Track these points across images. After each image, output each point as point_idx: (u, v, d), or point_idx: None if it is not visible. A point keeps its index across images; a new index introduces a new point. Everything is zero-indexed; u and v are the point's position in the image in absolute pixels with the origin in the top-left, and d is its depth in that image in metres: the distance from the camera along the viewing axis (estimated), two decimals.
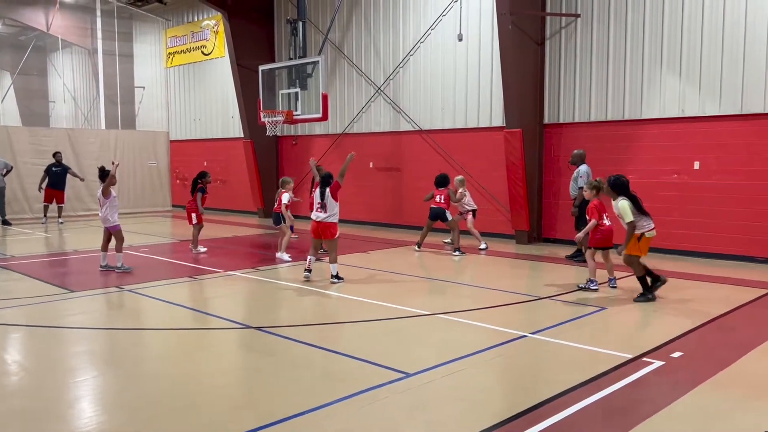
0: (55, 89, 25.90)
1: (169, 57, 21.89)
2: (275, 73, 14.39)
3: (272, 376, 5.12)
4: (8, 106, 24.19)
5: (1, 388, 4.94)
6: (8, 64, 24.23)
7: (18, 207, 17.77)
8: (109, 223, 9.69)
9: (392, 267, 10.22)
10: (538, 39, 12.61)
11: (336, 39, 16.46)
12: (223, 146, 20.04)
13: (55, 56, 25.55)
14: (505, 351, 5.73)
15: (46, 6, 21.91)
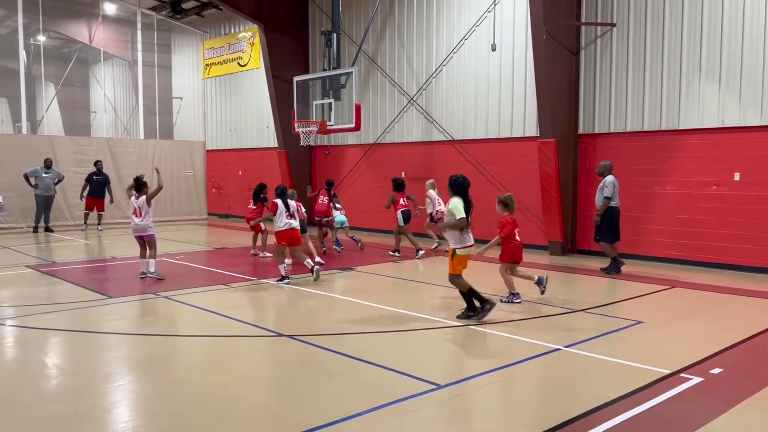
0: (96, 100, 26.62)
1: (207, 68, 22.33)
2: (309, 84, 14.55)
3: (304, 384, 5.15)
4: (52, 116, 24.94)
5: (41, 392, 5.08)
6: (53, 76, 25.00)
7: (60, 214, 18.26)
8: (148, 231, 9.88)
9: (423, 276, 10.20)
10: (573, 48, 12.50)
11: (369, 50, 16.59)
12: (257, 156, 20.31)
13: (96, 68, 26.29)
14: (538, 364, 5.66)
15: (89, 19, 22.59)
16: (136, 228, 9.91)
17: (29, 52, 21.54)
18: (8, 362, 5.96)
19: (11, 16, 20.38)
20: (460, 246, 7.12)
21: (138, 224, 9.86)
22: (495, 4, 13.58)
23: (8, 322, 7.23)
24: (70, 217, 18.48)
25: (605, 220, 10.42)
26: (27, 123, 20.65)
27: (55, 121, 25.17)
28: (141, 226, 9.85)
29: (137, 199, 9.85)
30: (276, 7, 17.60)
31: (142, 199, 9.82)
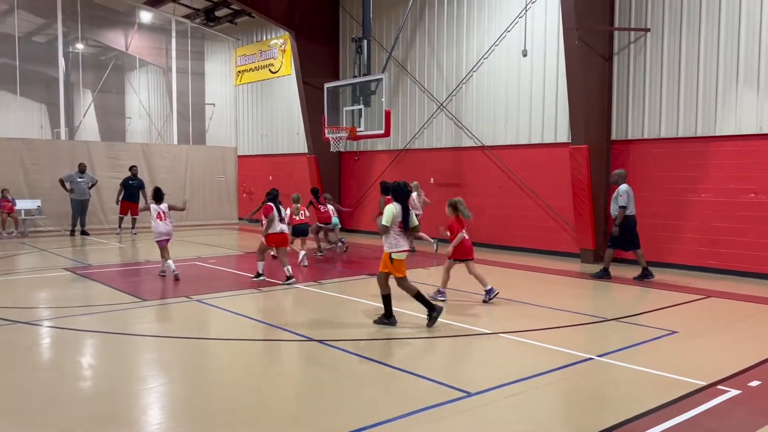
0: (131, 106, 27.18)
1: (239, 75, 22.65)
2: (339, 91, 14.63)
3: (334, 390, 5.17)
4: (88, 122, 25.54)
5: (76, 393, 5.20)
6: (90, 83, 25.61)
7: (95, 218, 18.69)
8: (171, 235, 10.49)
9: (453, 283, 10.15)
10: (606, 54, 12.35)
11: (399, 56, 16.64)
12: (288, 161, 20.50)
13: (132, 75, 26.85)
14: (570, 373, 5.59)
15: (125, 28, 23.12)
16: (163, 232, 10.37)
17: (68, 59, 22.11)
18: (45, 362, 6.11)
19: (51, 24, 20.96)
20: (395, 250, 7.23)
21: (163, 229, 10.36)
22: (526, 9, 13.51)
23: (45, 323, 7.41)
24: (105, 220, 18.88)
25: (622, 229, 10.38)
26: (65, 129, 21.18)
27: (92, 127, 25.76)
28: (167, 230, 10.41)
29: (158, 205, 10.39)
30: (307, 15, 17.78)
31: (164, 205, 10.45)
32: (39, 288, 9.72)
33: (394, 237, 7.21)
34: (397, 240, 7.23)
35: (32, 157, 17.98)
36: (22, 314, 7.76)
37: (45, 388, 5.19)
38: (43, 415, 4.59)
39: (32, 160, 17.96)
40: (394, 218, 7.18)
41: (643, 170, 12.04)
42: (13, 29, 19.75)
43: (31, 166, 17.92)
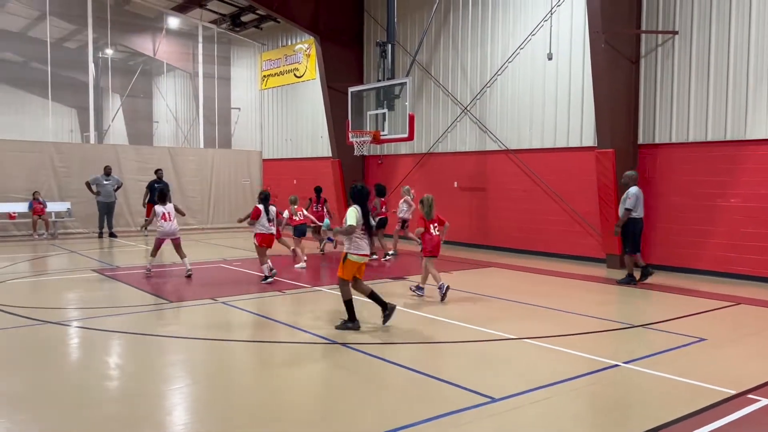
0: (158, 110, 27.61)
1: (264, 79, 22.86)
2: (363, 95, 14.68)
3: (356, 393, 5.17)
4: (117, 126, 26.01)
5: (103, 393, 5.28)
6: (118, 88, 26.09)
7: (122, 220, 19.00)
8: (177, 234, 11.08)
9: (476, 288, 10.10)
10: (633, 57, 12.20)
11: (423, 60, 16.64)
12: (311, 165, 20.61)
13: (159, 79, 27.28)
14: (596, 380, 5.52)
15: (153, 33, 23.51)
16: (167, 232, 10.92)
17: (97, 65, 22.54)
18: (73, 362, 6.22)
19: (81, 30, 21.39)
20: (354, 252, 7.19)
21: (172, 228, 10.94)
22: (552, 12, 13.42)
23: (73, 324, 7.55)
24: (132, 222, 19.17)
25: (627, 231, 10.35)
26: (94, 133, 21.58)
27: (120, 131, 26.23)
28: (172, 229, 10.95)
29: (164, 206, 10.93)
30: (332, 19, 17.88)
31: (170, 206, 11.10)
32: (68, 289, 9.91)
33: (356, 239, 7.19)
34: (358, 243, 7.21)
35: (62, 161, 18.35)
36: (52, 314, 7.92)
37: (73, 388, 5.29)
38: (72, 415, 4.67)
39: (62, 163, 18.33)
40: (358, 220, 7.16)
41: (670, 175, 11.86)
42: (45, 35, 20.20)
43: (62, 169, 18.28)
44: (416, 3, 16.72)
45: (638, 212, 10.33)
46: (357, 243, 7.21)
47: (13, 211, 17.27)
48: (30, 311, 8.01)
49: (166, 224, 10.91)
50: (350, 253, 7.20)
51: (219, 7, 21.55)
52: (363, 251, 7.24)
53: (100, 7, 20.22)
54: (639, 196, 10.29)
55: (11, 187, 17.43)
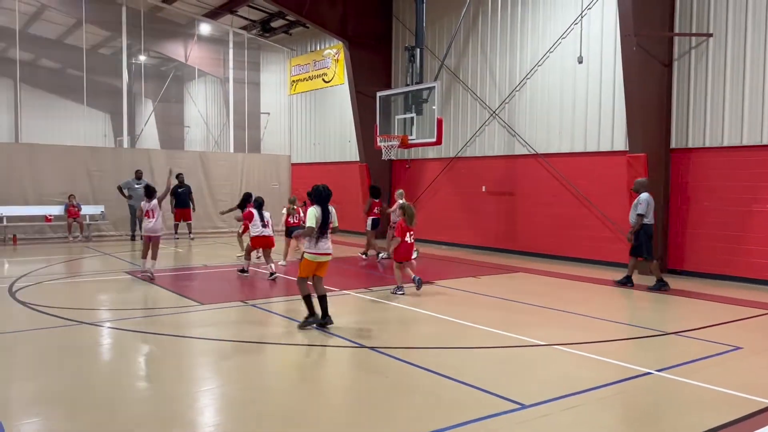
0: (190, 115, 28.06)
1: (293, 84, 23.07)
2: (391, 99, 14.72)
3: (385, 397, 5.18)
4: (149, 130, 26.51)
5: (136, 393, 5.38)
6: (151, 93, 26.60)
7: None
8: (158, 232, 10.94)
9: (504, 293, 10.04)
10: (666, 60, 12.02)
11: (452, 64, 16.62)
12: (339, 169, 20.72)
13: (191, 85, 27.73)
14: (627, 388, 5.44)
15: (185, 39, 23.91)
16: (149, 228, 10.88)
17: (131, 70, 23.00)
18: (105, 362, 6.34)
19: (116, 37, 21.87)
20: (310, 252, 7.41)
21: (153, 226, 10.84)
22: (582, 16, 13.30)
23: (106, 325, 7.70)
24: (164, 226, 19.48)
25: (640, 237, 10.44)
26: (127, 137, 22.02)
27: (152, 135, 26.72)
28: (155, 227, 10.85)
29: (148, 203, 10.84)
30: (360, 25, 17.98)
31: (154, 202, 10.89)
32: (101, 290, 10.11)
33: (313, 239, 7.38)
34: (318, 243, 7.41)
35: (96, 164, 18.75)
36: (86, 315, 8.09)
37: (106, 387, 5.39)
38: (105, 414, 4.76)
39: (96, 167, 18.73)
40: (317, 220, 7.34)
41: (703, 180, 11.64)
42: (81, 42, 20.70)
43: (96, 173, 18.67)
44: (445, 8, 16.72)
45: (649, 218, 10.43)
46: (317, 243, 7.40)
47: (49, 214, 17.70)
48: (65, 312, 8.20)
49: (148, 222, 10.90)
50: (306, 252, 7.45)
51: (249, 13, 21.82)
52: (319, 251, 7.43)
53: (134, 14, 20.64)
54: (650, 202, 10.39)
55: (47, 190, 17.87)
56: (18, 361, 6.17)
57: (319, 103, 21.87)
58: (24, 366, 6.00)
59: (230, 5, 21.37)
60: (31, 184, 17.66)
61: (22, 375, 5.72)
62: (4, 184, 17.21)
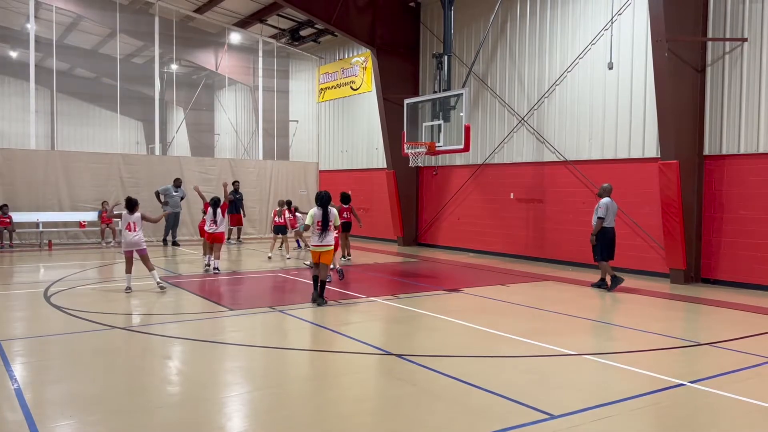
0: (220, 123, 28.46)
1: (321, 92, 23.24)
2: (419, 106, 14.74)
3: (412, 405, 5.15)
4: (180, 138, 26.95)
5: (165, 397, 5.44)
6: (182, 101, 27.06)
7: (185, 230, 19.61)
8: (141, 245, 10.50)
9: (533, 302, 9.94)
10: (698, 66, 11.81)
11: (480, 71, 16.57)
12: (367, 176, 20.78)
13: (221, 93, 28.13)
14: (660, 399, 5.33)
15: (216, 48, 24.29)
16: (129, 242, 10.36)
17: (163, 79, 23.44)
18: (136, 367, 6.43)
19: (148, 47, 22.31)
20: (313, 244, 9.39)
21: (132, 239, 10.36)
22: (612, 21, 13.16)
23: (135, 330, 7.82)
24: (195, 232, 19.76)
25: (599, 239, 11.04)
26: (159, 144, 22.41)
27: (183, 143, 27.17)
28: (135, 240, 10.39)
29: (130, 215, 10.41)
30: (388, 32, 18.05)
31: (137, 215, 10.44)
32: (133, 295, 10.27)
33: (313, 235, 9.34)
34: (320, 237, 9.28)
35: (129, 171, 19.11)
36: (118, 320, 8.24)
37: (137, 391, 5.47)
38: (136, 417, 4.83)
39: (129, 174, 19.09)
40: (314, 219, 9.24)
41: (738, 187, 11.39)
42: (115, 52, 21.16)
43: (128, 180, 19.03)
44: (473, 15, 16.70)
45: (609, 222, 11.01)
46: (317, 237, 9.29)
47: (83, 220, 18.09)
48: (98, 316, 8.36)
49: (129, 234, 10.32)
50: (312, 245, 9.46)
51: (279, 22, 22.08)
52: (320, 243, 9.29)
53: (166, 24, 21.04)
54: (609, 206, 10.97)
55: (82, 196, 18.27)
56: (52, 364, 6.30)
57: (346, 110, 21.99)
58: (58, 369, 6.13)
59: (260, 14, 21.65)
60: (66, 191, 18.08)
61: (55, 378, 5.84)
62: (40, 191, 17.65)
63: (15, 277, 12.56)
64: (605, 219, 10.93)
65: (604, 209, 10.94)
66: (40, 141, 21.15)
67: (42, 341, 7.11)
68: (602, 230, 10.98)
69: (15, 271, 13.34)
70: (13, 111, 23.18)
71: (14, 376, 5.70)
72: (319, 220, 9.19)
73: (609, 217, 10.96)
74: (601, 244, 11.06)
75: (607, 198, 11.08)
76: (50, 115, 21.85)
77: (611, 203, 11.05)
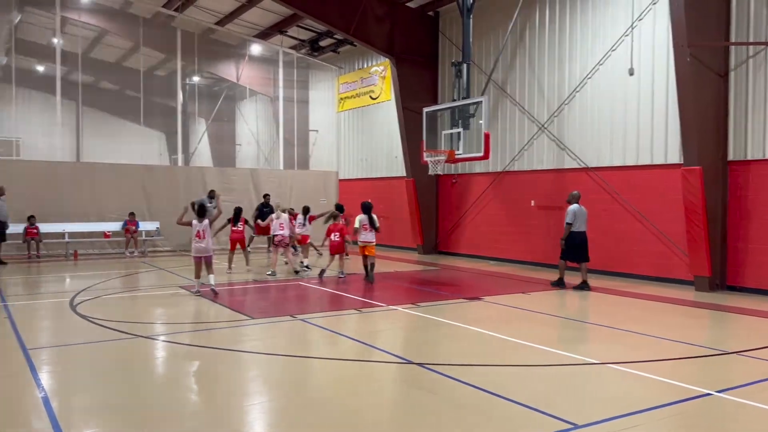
0: (241, 133, 28.72)
1: (341, 102, 23.38)
2: (438, 114, 14.76)
3: (433, 414, 5.14)
4: (202, 148, 27.26)
5: (187, 405, 5.49)
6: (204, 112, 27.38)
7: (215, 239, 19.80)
8: (209, 252, 10.86)
9: (555, 310, 9.85)
10: (721, 70, 11.67)
11: (499, 79, 16.54)
12: (386, 185, 20.82)
13: (242, 104, 28.41)
14: (685, 409, 5.24)
15: (237, 60, 24.59)
16: (199, 248, 10.77)
17: (185, 91, 23.75)
18: (159, 375, 6.50)
19: (170, 59, 22.66)
20: (359, 240, 12.65)
21: (202, 246, 10.76)
22: (633, 27, 13.07)
23: (161, 338, 7.90)
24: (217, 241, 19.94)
25: (567, 242, 11.88)
26: (181, 155, 22.69)
27: (205, 153, 27.47)
28: (204, 247, 10.77)
29: (199, 223, 10.75)
30: (407, 41, 18.12)
31: (205, 222, 10.77)
32: (157, 304, 10.40)
33: (362, 233, 12.59)
34: (363, 235, 12.58)
35: (152, 182, 19.38)
36: (142, 329, 8.33)
37: (160, 400, 5.53)
38: (159, 426, 4.88)
39: (152, 185, 19.36)
40: (361, 223, 12.54)
41: (764, 192, 11.21)
42: (138, 65, 21.52)
43: (152, 190, 19.30)
44: (491, 23, 16.70)
45: (577, 226, 11.77)
46: (360, 235, 12.54)
47: (108, 230, 18.36)
48: (122, 325, 8.47)
49: (198, 242, 10.75)
50: (359, 240, 12.60)
51: (299, 33, 22.29)
52: (361, 239, 12.62)
53: (189, 36, 21.37)
54: (577, 212, 11.74)
55: (106, 207, 18.56)
56: (78, 372, 6.40)
57: (366, 119, 22.09)
58: (84, 377, 6.22)
59: (280, 26, 21.89)
60: (91, 202, 18.37)
61: (81, 386, 5.93)
62: (66, 202, 17.96)
63: (42, 287, 12.79)
64: (573, 224, 11.71)
65: (572, 215, 11.74)
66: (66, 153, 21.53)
67: (68, 350, 7.23)
68: (570, 234, 11.78)
69: (42, 280, 13.58)
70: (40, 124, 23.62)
71: (41, 385, 5.80)
72: (365, 224, 12.51)
73: (577, 223, 11.74)
74: (568, 246, 11.86)
75: (576, 204, 11.84)
76: (75, 128, 22.23)
77: (579, 209, 11.81)
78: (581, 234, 11.86)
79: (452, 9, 17.48)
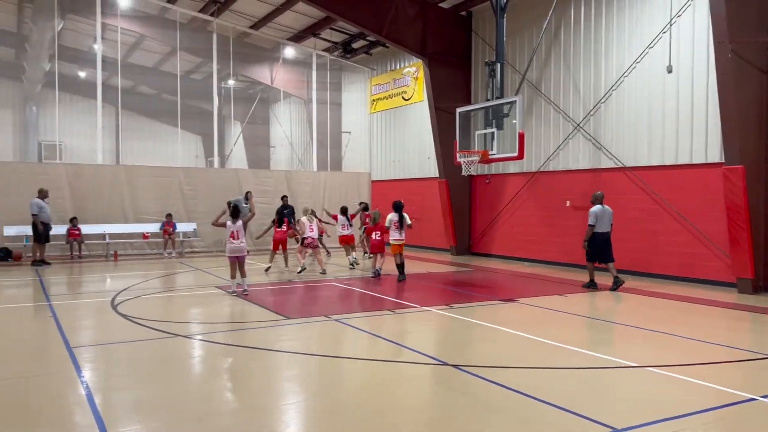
0: (275, 135, 29.07)
1: (373, 103, 23.45)
2: (471, 115, 14.69)
3: (467, 417, 5.11)
4: (237, 151, 27.66)
5: (223, 405, 5.57)
6: (239, 115, 27.79)
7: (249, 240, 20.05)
8: (244, 252, 11.09)
9: (591, 312, 9.71)
10: (764, 67, 11.35)
11: (533, 78, 16.38)
12: (419, 185, 20.79)
13: (276, 106, 28.75)
14: (729, 414, 5.11)
15: (271, 63, 24.89)
16: (234, 249, 10.95)
17: (220, 94, 24.15)
18: (197, 374, 6.61)
19: (206, 63, 23.05)
20: (392, 239, 12.99)
21: (236, 246, 10.95)
22: (671, 24, 12.80)
23: (198, 337, 8.04)
24: (251, 243, 20.21)
25: (590, 244, 11.78)
26: (217, 158, 23.05)
27: (240, 156, 27.87)
28: (239, 247, 10.96)
29: (233, 223, 10.93)
30: (440, 42, 18.07)
31: (239, 223, 10.99)
32: (194, 304, 10.58)
33: (393, 231, 12.87)
34: (393, 233, 12.86)
35: (189, 184, 19.73)
36: (180, 328, 8.49)
37: (197, 398, 5.62)
38: (196, 424, 4.96)
39: (189, 187, 19.71)
40: (391, 221, 12.83)
41: None
42: (175, 69, 21.94)
43: (188, 192, 19.65)
44: (525, 21, 16.55)
45: (600, 227, 11.68)
46: (395, 234, 12.86)
47: (147, 232, 18.76)
48: (161, 324, 8.64)
49: (233, 242, 10.94)
50: (391, 239, 12.93)
51: (331, 36, 22.44)
52: (392, 238, 12.92)
53: (224, 40, 21.70)
54: (598, 214, 11.63)
55: (145, 209, 18.97)
56: (119, 371, 6.55)
57: (398, 120, 22.10)
58: (124, 375, 6.37)
59: (313, 29, 22.07)
60: (131, 204, 18.80)
61: (122, 384, 6.07)
62: (106, 204, 18.41)
63: (84, 287, 13.13)
64: (595, 225, 11.62)
65: (593, 217, 11.66)
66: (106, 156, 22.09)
67: (109, 348, 7.41)
68: (593, 235, 11.66)
69: (84, 281, 13.95)
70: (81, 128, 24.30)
71: (85, 382, 5.96)
72: (396, 222, 12.81)
73: (601, 223, 11.66)
74: (591, 247, 11.75)
75: (599, 205, 11.75)
76: (115, 131, 22.79)
77: (602, 210, 11.70)
78: (603, 234, 11.73)
79: (485, 8, 17.38)
